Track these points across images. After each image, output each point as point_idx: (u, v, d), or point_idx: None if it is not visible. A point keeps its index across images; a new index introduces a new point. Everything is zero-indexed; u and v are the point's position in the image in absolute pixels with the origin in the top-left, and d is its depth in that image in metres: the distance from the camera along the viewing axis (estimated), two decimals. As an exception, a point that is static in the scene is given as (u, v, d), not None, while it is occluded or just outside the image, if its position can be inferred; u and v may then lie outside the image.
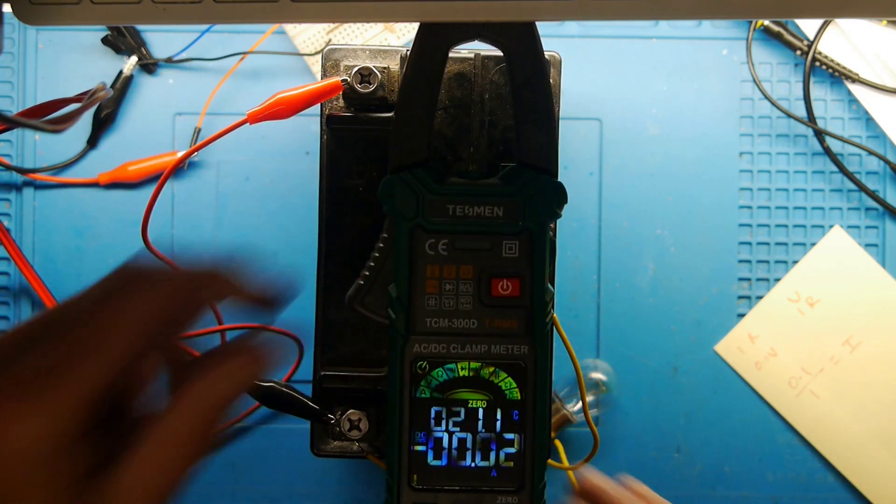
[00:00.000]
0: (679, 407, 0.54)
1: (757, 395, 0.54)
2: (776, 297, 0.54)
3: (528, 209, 0.37)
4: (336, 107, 0.42)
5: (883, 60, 0.53)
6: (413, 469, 0.37)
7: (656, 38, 0.55)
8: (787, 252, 0.55)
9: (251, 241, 0.54)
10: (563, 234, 0.54)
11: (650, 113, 0.55)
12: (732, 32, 0.55)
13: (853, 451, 0.54)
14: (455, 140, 0.41)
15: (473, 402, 0.37)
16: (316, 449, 0.43)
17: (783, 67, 0.55)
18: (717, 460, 0.54)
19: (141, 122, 0.54)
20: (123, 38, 0.54)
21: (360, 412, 0.41)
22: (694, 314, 0.54)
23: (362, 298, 0.38)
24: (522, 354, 0.37)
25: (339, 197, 0.42)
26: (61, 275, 0.54)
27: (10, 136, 0.54)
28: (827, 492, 0.54)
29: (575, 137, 0.54)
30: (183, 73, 0.54)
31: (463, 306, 0.37)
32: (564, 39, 0.55)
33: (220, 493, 0.54)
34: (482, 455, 0.37)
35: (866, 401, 0.54)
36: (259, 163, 0.54)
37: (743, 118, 0.55)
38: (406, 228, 0.37)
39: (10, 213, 0.54)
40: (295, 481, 0.54)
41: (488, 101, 0.41)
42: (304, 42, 0.54)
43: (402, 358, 0.37)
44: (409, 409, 0.37)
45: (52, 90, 0.54)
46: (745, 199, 0.55)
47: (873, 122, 0.54)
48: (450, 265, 0.37)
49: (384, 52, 0.42)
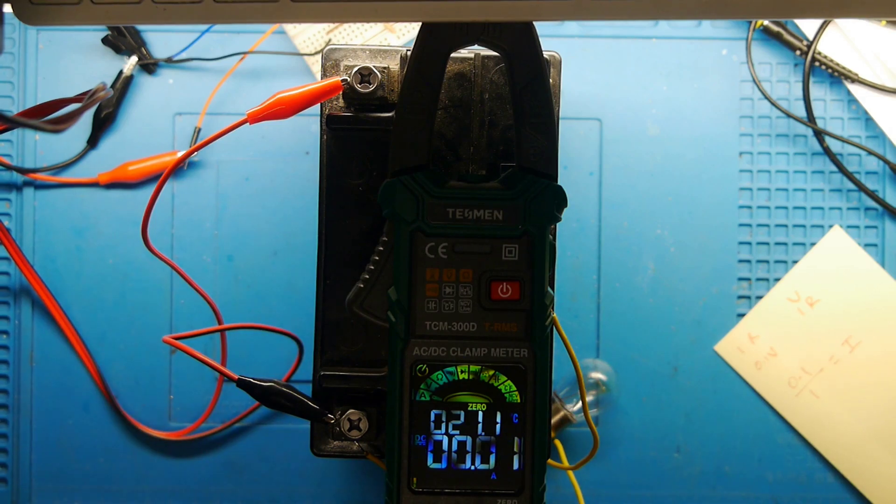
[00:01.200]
0: (679, 407, 0.54)
1: (757, 395, 0.54)
2: (776, 297, 0.54)
3: (528, 213, 0.37)
4: (336, 107, 0.42)
5: (882, 60, 0.53)
6: (413, 472, 0.37)
7: (656, 38, 0.55)
8: (787, 252, 0.55)
9: (251, 241, 0.54)
10: (562, 235, 0.54)
11: (650, 113, 0.54)
12: (732, 32, 0.55)
13: (853, 451, 0.54)
14: (455, 140, 0.41)
15: (473, 405, 0.37)
16: (316, 449, 0.43)
17: (783, 67, 0.55)
18: (717, 460, 0.54)
19: (141, 122, 0.54)
20: (123, 38, 0.54)
21: (360, 412, 0.41)
22: (694, 314, 0.54)
23: (362, 301, 0.38)
24: (522, 357, 0.37)
25: (339, 197, 0.42)
26: (61, 275, 0.54)
27: (10, 136, 0.54)
28: (827, 492, 0.54)
29: (575, 137, 0.54)
30: (183, 73, 0.54)
31: (463, 309, 0.37)
32: (564, 39, 0.55)
33: (220, 493, 0.54)
34: (482, 458, 0.37)
35: (866, 401, 0.54)
36: (259, 163, 0.54)
37: (743, 118, 0.55)
38: (406, 232, 0.37)
39: (10, 213, 0.54)
40: (295, 481, 0.54)
41: (488, 101, 0.41)
42: (304, 42, 0.54)
43: (402, 361, 0.37)
44: (408, 412, 0.37)
45: (52, 90, 0.54)
46: (745, 199, 0.55)
47: (873, 122, 0.54)
48: (450, 268, 0.37)
49: (384, 52, 0.42)
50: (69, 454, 0.54)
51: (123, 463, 0.54)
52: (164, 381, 0.54)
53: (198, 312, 0.54)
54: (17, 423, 0.54)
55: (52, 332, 0.54)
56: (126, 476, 0.54)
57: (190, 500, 0.54)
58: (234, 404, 0.54)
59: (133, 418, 0.53)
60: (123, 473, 0.54)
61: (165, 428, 0.54)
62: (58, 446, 0.54)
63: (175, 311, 0.54)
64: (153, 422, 0.54)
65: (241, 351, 0.53)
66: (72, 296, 0.54)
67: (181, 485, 0.54)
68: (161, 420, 0.54)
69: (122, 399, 0.54)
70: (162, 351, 0.54)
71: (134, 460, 0.54)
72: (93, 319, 0.54)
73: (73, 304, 0.54)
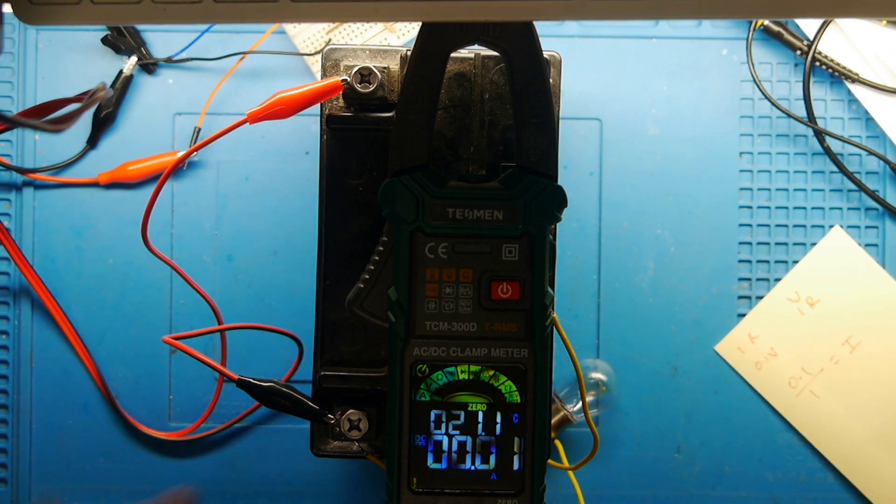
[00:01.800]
0: (679, 407, 0.54)
1: (757, 395, 0.54)
2: (776, 297, 0.54)
3: (528, 213, 0.37)
4: (336, 107, 0.42)
5: (883, 60, 0.53)
6: (413, 472, 0.37)
7: (656, 38, 0.55)
8: (787, 252, 0.55)
9: (251, 241, 0.54)
10: (563, 235, 0.54)
11: (650, 113, 0.54)
12: (732, 32, 0.55)
13: (853, 451, 0.54)
14: (455, 140, 0.41)
15: (473, 405, 0.37)
16: (316, 449, 0.43)
17: (783, 67, 0.55)
18: (717, 460, 0.54)
19: (141, 122, 0.54)
20: (123, 38, 0.53)
21: (359, 412, 0.41)
22: (694, 314, 0.54)
23: (362, 302, 0.38)
24: (522, 358, 0.37)
25: (339, 197, 0.42)
26: (61, 275, 0.54)
27: (10, 136, 0.54)
28: (827, 492, 0.54)
29: (575, 137, 0.54)
30: (183, 73, 0.54)
31: (463, 310, 0.37)
32: (564, 39, 0.55)
33: (220, 493, 0.54)
34: (482, 458, 0.37)
35: (866, 401, 0.54)
36: (259, 163, 0.54)
37: (743, 118, 0.55)
38: (406, 232, 0.37)
39: (10, 213, 0.54)
40: (295, 481, 0.54)
41: (488, 101, 0.41)
42: (304, 42, 0.54)
43: (402, 361, 0.37)
44: (408, 413, 0.37)
45: (52, 90, 0.54)
46: (745, 199, 0.55)
47: (873, 122, 0.54)
48: (450, 268, 0.37)
49: (384, 52, 0.42)
50: (69, 454, 0.54)
51: (123, 463, 0.54)
52: (163, 381, 0.54)
53: (198, 312, 0.54)
54: (17, 423, 0.54)
55: (52, 332, 0.54)
56: (126, 476, 0.54)
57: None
58: (234, 404, 0.54)
59: (133, 418, 0.53)
60: (123, 473, 0.54)
61: (165, 428, 0.54)
62: (57, 446, 0.54)
63: (175, 311, 0.54)
64: (153, 422, 0.54)
65: (241, 351, 0.53)
66: (72, 296, 0.54)
67: (181, 485, 0.54)
68: (161, 420, 0.54)
69: (121, 399, 0.54)
70: (162, 351, 0.54)
71: (134, 460, 0.54)
72: (93, 319, 0.54)
73: (73, 304, 0.54)
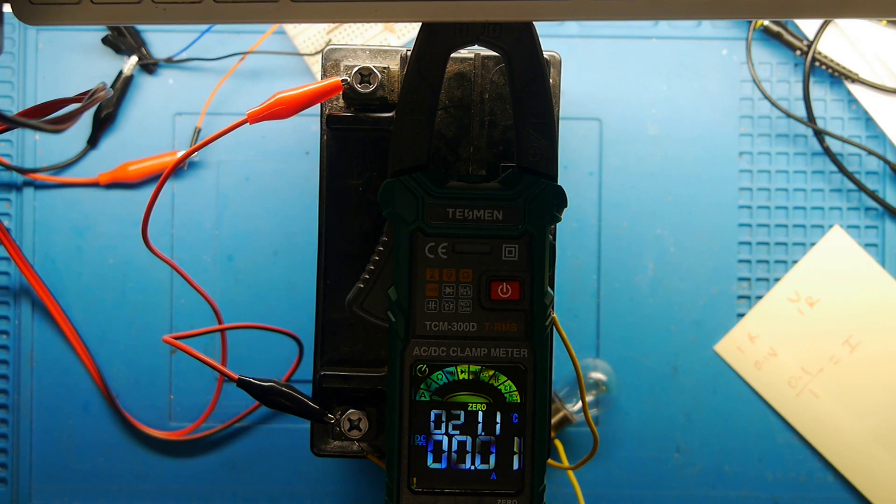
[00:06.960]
0: (679, 407, 0.54)
1: (757, 395, 0.54)
2: (776, 297, 0.54)
3: (527, 213, 0.37)
4: (336, 107, 0.42)
5: (883, 60, 0.53)
6: (413, 472, 0.37)
7: (656, 38, 0.55)
8: (787, 252, 0.55)
9: (251, 241, 0.54)
10: (562, 235, 0.54)
11: (650, 113, 0.54)
12: (732, 32, 0.55)
13: (853, 451, 0.54)
14: (455, 140, 0.41)
15: (473, 405, 0.37)
16: (316, 449, 0.43)
17: (783, 67, 0.55)
18: (717, 460, 0.54)
19: (141, 122, 0.54)
20: (123, 38, 0.54)
21: (360, 412, 0.41)
22: (694, 314, 0.54)
23: (362, 301, 0.38)
24: (522, 357, 0.37)
25: (339, 197, 0.42)
26: (61, 275, 0.54)
27: (10, 136, 0.54)
28: (827, 492, 0.54)
29: (575, 137, 0.54)
30: (183, 73, 0.54)
31: (463, 310, 0.37)
32: (564, 39, 0.55)
33: (220, 493, 0.54)
34: (482, 458, 0.37)
35: (866, 401, 0.54)
36: (259, 163, 0.54)
37: (743, 118, 0.55)
38: (406, 232, 0.37)
39: (10, 213, 0.54)
40: (295, 481, 0.54)
41: (488, 101, 0.41)
42: (304, 42, 0.54)
43: (402, 361, 0.37)
44: (408, 412, 0.37)
45: (52, 90, 0.54)
46: (745, 199, 0.55)
47: (873, 122, 0.54)
48: (449, 268, 0.37)
49: (384, 52, 0.42)
50: (69, 454, 0.54)
51: (123, 463, 0.54)
52: (164, 380, 0.54)
53: (198, 312, 0.54)
54: (17, 423, 0.54)
55: (52, 332, 0.54)
56: (126, 476, 0.54)
57: (190, 500, 0.54)
58: (234, 404, 0.54)
59: (133, 418, 0.54)
60: (123, 473, 0.54)
61: (165, 428, 0.54)
62: (58, 446, 0.54)
63: (175, 311, 0.54)
64: (153, 422, 0.54)
65: (241, 351, 0.53)
66: (72, 296, 0.54)
67: (181, 485, 0.54)
68: (161, 420, 0.54)
69: (122, 399, 0.54)
70: (162, 351, 0.54)
71: (134, 460, 0.54)
72: (93, 319, 0.54)
73: (73, 304, 0.54)
